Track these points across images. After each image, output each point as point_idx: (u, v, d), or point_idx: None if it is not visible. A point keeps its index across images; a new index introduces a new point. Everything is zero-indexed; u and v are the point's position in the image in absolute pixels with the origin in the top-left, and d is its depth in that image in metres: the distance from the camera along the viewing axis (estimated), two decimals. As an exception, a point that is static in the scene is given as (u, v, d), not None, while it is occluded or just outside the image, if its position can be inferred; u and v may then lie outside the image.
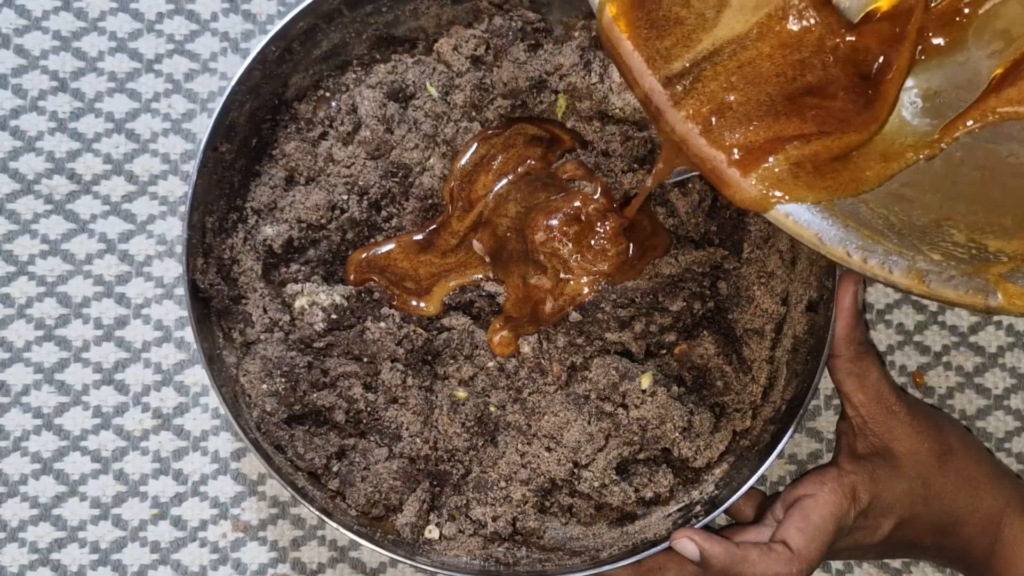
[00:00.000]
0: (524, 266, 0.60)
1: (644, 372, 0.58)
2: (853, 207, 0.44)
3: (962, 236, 0.44)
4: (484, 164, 0.60)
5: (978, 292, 0.41)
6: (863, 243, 0.43)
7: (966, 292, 0.41)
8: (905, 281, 0.42)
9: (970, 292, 0.41)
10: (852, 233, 0.43)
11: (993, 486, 0.59)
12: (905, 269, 0.42)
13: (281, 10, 0.67)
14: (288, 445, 0.57)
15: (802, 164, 0.43)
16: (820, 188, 0.43)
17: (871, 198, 0.44)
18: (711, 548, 0.53)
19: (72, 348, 0.64)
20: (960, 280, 0.42)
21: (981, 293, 0.41)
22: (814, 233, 0.43)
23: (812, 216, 0.43)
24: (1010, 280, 0.41)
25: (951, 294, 0.42)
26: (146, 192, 0.65)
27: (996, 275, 0.42)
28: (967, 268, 0.42)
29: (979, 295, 0.41)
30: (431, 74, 0.60)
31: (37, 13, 0.66)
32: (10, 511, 0.63)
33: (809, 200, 0.43)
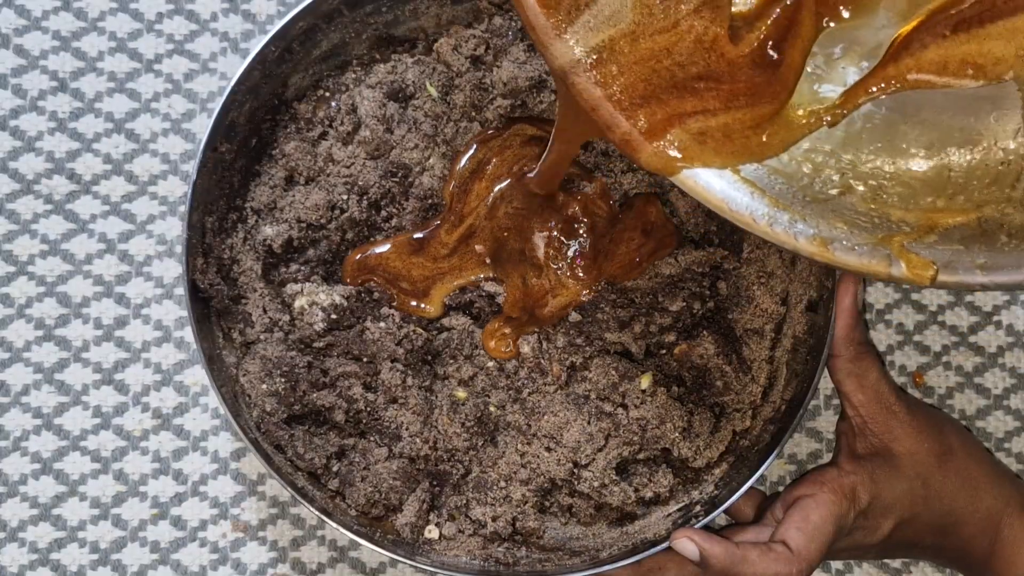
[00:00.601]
0: (523, 266, 0.60)
1: (644, 372, 0.58)
2: (758, 173, 0.44)
3: (865, 205, 0.44)
4: (479, 170, 0.60)
5: (881, 260, 0.42)
6: (769, 210, 0.43)
7: (869, 260, 0.42)
8: (810, 248, 0.42)
9: (873, 261, 0.42)
10: (758, 200, 0.43)
11: (993, 486, 0.59)
12: (810, 236, 0.42)
13: (281, 10, 0.67)
14: (288, 445, 0.57)
15: (710, 132, 0.44)
16: (727, 153, 0.44)
17: (776, 164, 0.44)
18: (711, 548, 0.53)
19: (72, 348, 0.64)
20: (864, 248, 0.42)
21: (884, 261, 0.41)
22: (720, 198, 0.43)
23: (719, 181, 0.43)
24: (912, 250, 0.42)
25: (854, 262, 0.42)
26: (146, 192, 0.65)
27: (899, 244, 0.42)
28: (871, 237, 0.42)
29: (882, 263, 0.41)
30: (431, 74, 0.60)
31: (37, 13, 0.66)
32: (10, 511, 0.63)
33: (716, 165, 0.43)
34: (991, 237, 0.42)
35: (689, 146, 0.43)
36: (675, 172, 0.43)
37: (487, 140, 0.60)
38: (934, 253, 0.42)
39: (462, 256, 0.60)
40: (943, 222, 0.43)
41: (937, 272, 0.41)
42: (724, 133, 0.44)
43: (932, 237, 0.42)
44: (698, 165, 0.43)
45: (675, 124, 0.43)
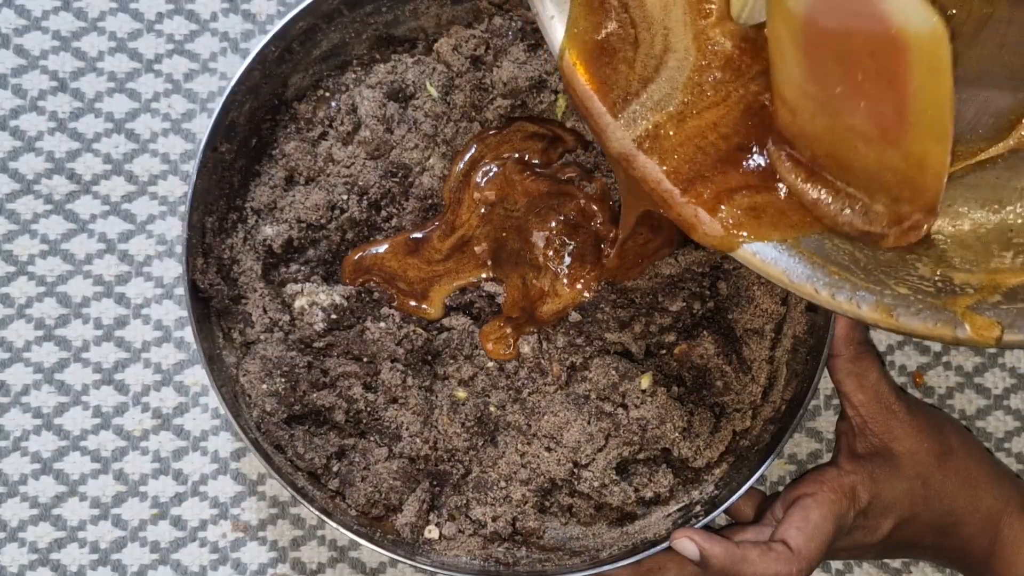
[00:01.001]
0: (523, 267, 0.60)
1: (644, 372, 0.58)
2: (818, 243, 0.44)
3: (927, 269, 0.44)
4: (473, 172, 0.60)
5: (946, 324, 0.42)
6: (830, 279, 0.43)
7: (934, 324, 0.42)
8: (874, 315, 0.42)
9: (938, 324, 0.42)
10: (819, 270, 0.43)
11: (993, 486, 0.59)
12: (873, 304, 0.42)
13: (281, 10, 0.67)
14: (288, 445, 0.57)
15: (764, 206, 0.44)
16: (785, 226, 0.44)
17: (836, 235, 0.44)
18: (711, 548, 0.53)
19: (72, 348, 0.64)
20: (928, 313, 0.42)
21: (949, 325, 0.41)
22: (782, 271, 0.43)
23: (778, 254, 0.43)
24: (977, 312, 0.42)
25: (919, 327, 0.42)
26: (146, 192, 0.65)
27: (963, 307, 0.42)
28: (934, 301, 0.42)
29: (947, 327, 0.42)
30: (431, 74, 0.60)
31: (37, 13, 0.66)
32: (10, 511, 0.63)
33: (774, 238, 0.44)
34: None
35: (747, 221, 0.43)
36: (735, 248, 0.43)
37: (486, 139, 0.60)
38: (998, 313, 0.42)
39: (458, 260, 0.60)
40: (1006, 282, 0.43)
41: (1003, 331, 0.41)
42: (778, 209, 0.44)
43: (996, 297, 0.42)
44: (756, 240, 0.43)
45: (727, 199, 0.43)
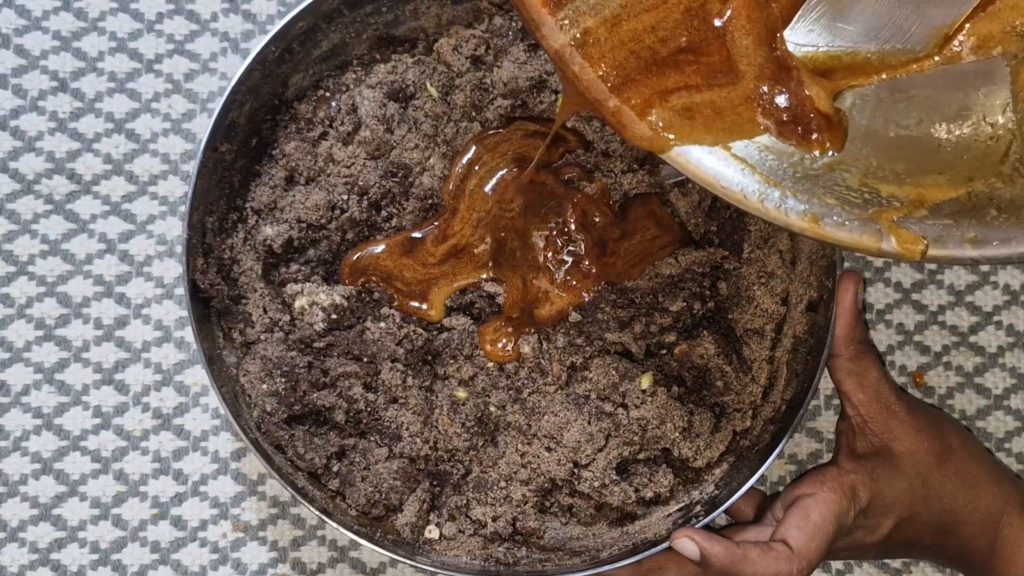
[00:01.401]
0: (523, 267, 0.60)
1: (644, 372, 0.58)
2: (749, 150, 0.44)
3: (855, 180, 0.45)
4: (469, 175, 0.60)
5: (872, 236, 0.42)
6: (760, 186, 0.43)
7: (860, 236, 0.42)
8: (801, 224, 0.43)
9: (864, 236, 0.42)
10: (749, 176, 0.43)
11: (993, 485, 0.59)
12: (801, 212, 0.43)
13: (281, 10, 0.67)
14: (288, 445, 0.57)
15: (698, 108, 0.44)
16: (717, 130, 0.44)
17: (767, 140, 0.45)
18: (711, 547, 0.53)
19: (72, 348, 0.64)
20: (855, 224, 0.42)
21: (875, 236, 0.42)
22: (711, 175, 0.43)
23: (709, 158, 0.44)
24: (903, 225, 0.42)
25: (845, 237, 0.42)
26: (146, 192, 0.65)
27: (889, 220, 0.42)
28: (861, 212, 0.43)
29: (873, 238, 0.42)
30: (431, 74, 0.60)
31: (37, 13, 0.66)
32: (10, 511, 0.63)
33: (706, 142, 0.44)
34: (981, 211, 0.42)
35: (678, 124, 0.43)
36: (665, 149, 0.43)
37: (486, 140, 0.60)
38: (924, 228, 0.42)
39: (455, 263, 0.60)
40: (933, 197, 0.43)
41: (927, 246, 0.41)
42: (714, 110, 0.44)
43: (922, 212, 0.43)
44: (688, 142, 0.43)
45: (660, 101, 0.44)
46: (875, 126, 0.46)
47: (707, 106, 0.44)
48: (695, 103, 0.44)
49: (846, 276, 0.56)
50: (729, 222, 0.61)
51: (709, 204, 0.61)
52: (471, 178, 0.60)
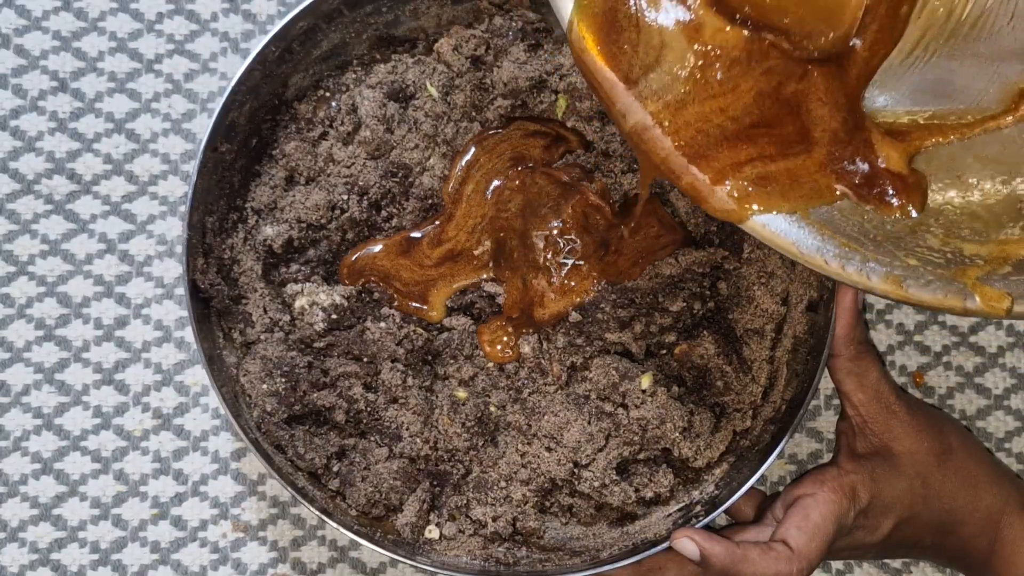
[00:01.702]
0: (524, 267, 0.60)
1: (644, 372, 0.58)
2: (828, 215, 0.44)
3: (937, 241, 0.44)
4: (468, 178, 0.60)
5: (956, 295, 0.42)
6: (840, 251, 0.43)
7: (944, 295, 0.42)
8: (884, 286, 0.42)
9: (949, 295, 0.42)
10: (828, 241, 0.43)
11: (993, 485, 0.59)
12: (883, 275, 0.43)
13: (281, 10, 0.67)
14: (288, 445, 0.57)
15: (774, 177, 0.44)
16: (795, 198, 0.44)
17: (846, 206, 0.44)
18: (711, 547, 0.53)
19: (72, 348, 0.64)
20: (938, 284, 0.42)
21: (959, 296, 0.42)
22: (791, 242, 0.43)
23: (788, 226, 0.43)
24: (986, 283, 0.42)
25: (929, 298, 0.42)
26: (146, 192, 0.65)
27: (973, 278, 0.42)
28: (944, 272, 0.43)
29: (957, 298, 0.42)
30: (431, 74, 0.60)
31: (37, 13, 0.66)
32: (10, 511, 0.63)
33: (784, 210, 0.44)
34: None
35: (755, 193, 0.43)
36: (744, 219, 0.43)
37: (486, 140, 0.60)
38: (1008, 284, 0.42)
39: (451, 266, 0.60)
40: (1016, 253, 0.43)
41: (1013, 303, 0.41)
42: (790, 178, 0.44)
43: (1006, 268, 0.43)
44: (766, 211, 0.43)
45: (734, 172, 0.44)
46: (954, 186, 0.45)
47: (783, 175, 0.44)
48: (770, 172, 0.44)
49: (846, 276, 0.56)
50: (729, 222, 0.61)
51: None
52: (469, 182, 0.60)
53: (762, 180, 0.44)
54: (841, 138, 0.45)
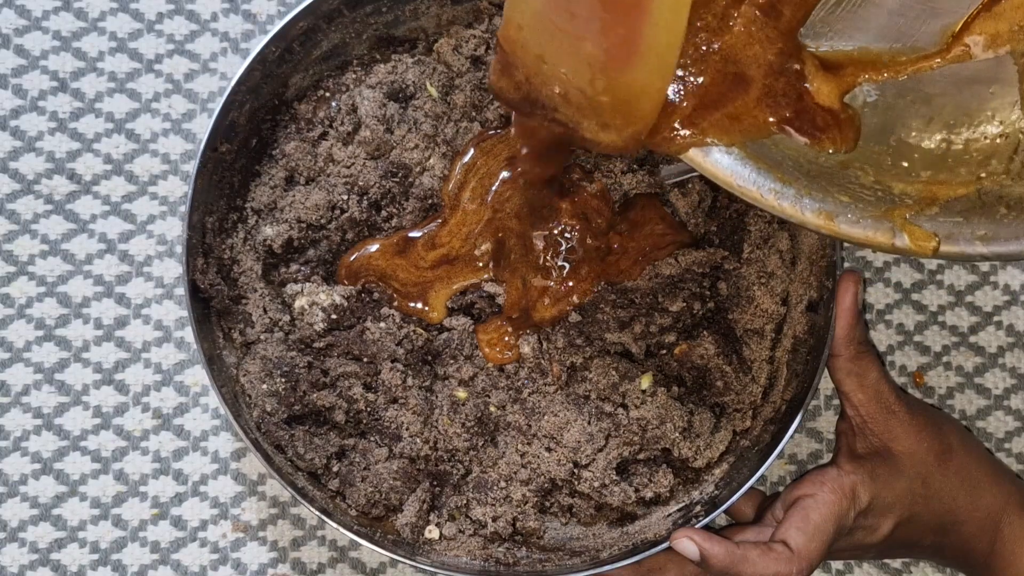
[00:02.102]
0: (523, 268, 0.60)
1: (644, 372, 0.58)
2: (763, 148, 0.45)
3: (868, 178, 0.45)
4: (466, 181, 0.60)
5: (886, 232, 0.43)
6: (776, 185, 0.44)
7: (874, 233, 0.43)
8: (816, 220, 0.43)
9: (878, 233, 0.43)
10: (764, 175, 0.44)
11: (993, 485, 0.59)
12: (816, 210, 0.44)
13: (281, 10, 0.67)
14: (288, 445, 0.57)
15: (720, 119, 0.45)
16: (735, 131, 0.45)
17: (782, 140, 0.45)
18: (711, 548, 0.53)
19: (72, 348, 0.64)
20: (868, 221, 0.43)
21: (888, 233, 0.43)
22: (728, 174, 0.44)
23: (726, 158, 0.44)
24: (915, 222, 0.43)
25: (859, 233, 0.43)
26: (146, 192, 0.65)
27: (902, 217, 0.43)
28: (874, 210, 0.44)
29: (886, 235, 0.43)
30: (431, 74, 0.60)
31: (37, 13, 0.66)
32: (10, 511, 0.63)
33: (724, 142, 0.45)
34: (990, 209, 0.43)
35: (695, 127, 0.44)
36: (684, 150, 0.44)
37: (484, 142, 0.60)
38: (936, 225, 0.43)
39: (448, 269, 0.60)
40: (944, 195, 0.44)
41: (940, 243, 0.42)
42: (730, 116, 0.45)
43: (933, 209, 0.44)
44: (705, 142, 0.44)
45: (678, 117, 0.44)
46: (887, 125, 0.46)
47: (727, 116, 0.45)
48: (712, 117, 0.45)
49: (846, 276, 0.56)
50: (729, 222, 0.61)
51: (709, 204, 0.61)
52: (466, 187, 0.60)
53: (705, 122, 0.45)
54: (775, 70, 0.46)
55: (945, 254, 0.42)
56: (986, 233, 0.42)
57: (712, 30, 0.45)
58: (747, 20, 0.45)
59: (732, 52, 0.45)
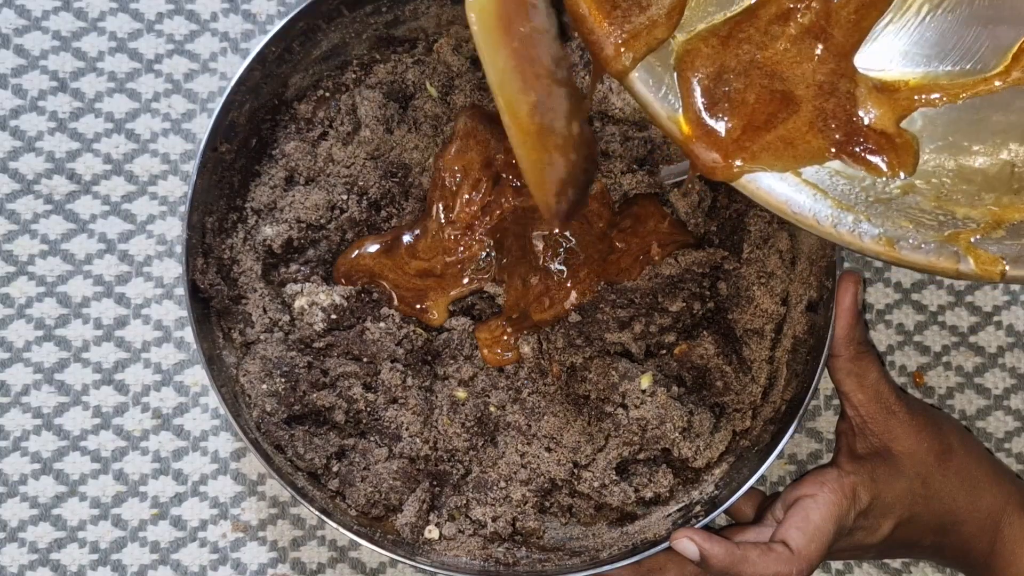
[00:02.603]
0: (523, 268, 0.60)
1: (644, 372, 0.58)
2: (820, 175, 0.44)
3: (929, 203, 0.44)
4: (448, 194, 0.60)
5: (949, 257, 0.42)
6: (832, 211, 0.43)
7: (937, 258, 0.42)
8: (876, 247, 0.42)
9: (941, 258, 0.42)
10: (821, 201, 0.43)
11: (993, 485, 0.59)
12: (875, 236, 0.42)
13: (281, 10, 0.67)
14: (288, 445, 0.57)
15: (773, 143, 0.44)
16: (788, 157, 0.44)
17: (838, 166, 0.44)
18: (711, 548, 0.53)
19: (72, 348, 0.64)
20: (931, 246, 0.42)
21: (952, 258, 0.42)
22: (782, 201, 0.43)
23: (780, 184, 0.43)
24: (980, 246, 0.42)
25: (922, 260, 0.42)
26: (146, 192, 0.65)
27: (966, 241, 0.42)
28: (937, 235, 0.42)
29: (950, 260, 0.42)
30: (431, 74, 0.60)
31: (37, 13, 0.66)
32: (10, 511, 0.63)
33: (776, 168, 0.43)
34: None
35: (750, 147, 0.43)
36: (735, 177, 0.43)
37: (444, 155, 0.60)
38: (1002, 248, 0.42)
39: (437, 280, 0.60)
40: (1010, 217, 0.43)
41: (1007, 267, 0.41)
42: (783, 140, 0.44)
43: (999, 232, 0.42)
44: (759, 169, 0.43)
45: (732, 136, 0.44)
46: (947, 149, 0.45)
47: (779, 140, 0.44)
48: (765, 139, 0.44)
49: (846, 276, 0.56)
50: (729, 222, 0.61)
51: (709, 204, 0.61)
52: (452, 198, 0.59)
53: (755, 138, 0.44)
54: (825, 91, 0.45)
55: (1013, 278, 0.41)
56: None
57: (755, 43, 0.44)
58: (793, 37, 0.44)
59: (778, 69, 0.44)
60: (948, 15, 0.45)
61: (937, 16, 0.45)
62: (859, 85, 0.45)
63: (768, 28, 0.44)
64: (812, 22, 0.44)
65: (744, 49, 0.44)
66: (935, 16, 0.45)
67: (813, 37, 0.45)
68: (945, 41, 0.45)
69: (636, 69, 0.43)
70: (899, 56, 0.46)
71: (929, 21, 0.45)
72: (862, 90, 0.45)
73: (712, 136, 0.44)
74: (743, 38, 0.44)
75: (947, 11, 0.45)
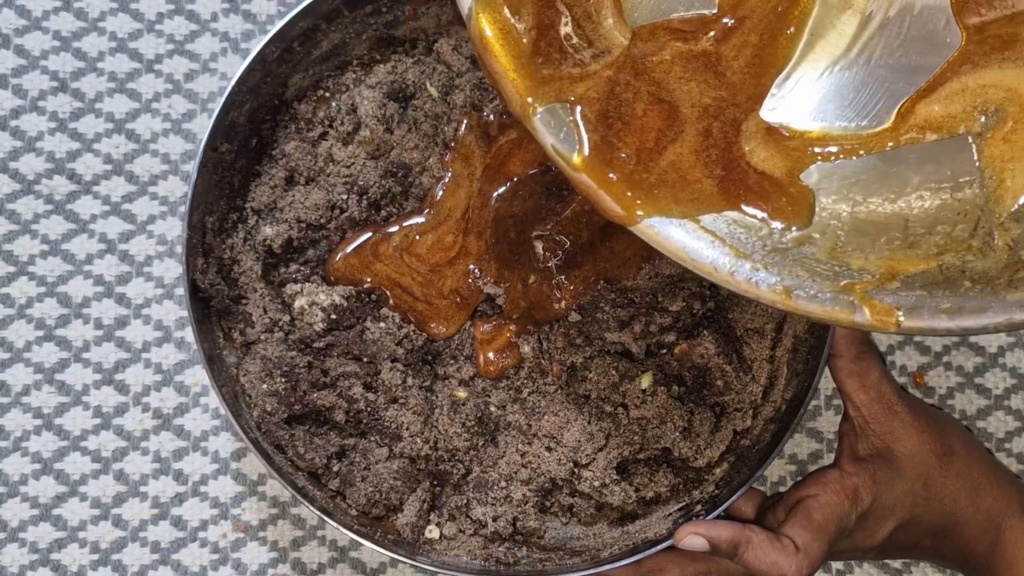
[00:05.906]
0: (523, 268, 0.60)
1: (644, 372, 0.58)
2: (718, 224, 0.44)
3: (824, 254, 0.44)
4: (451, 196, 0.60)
5: (845, 308, 0.42)
6: (730, 260, 0.43)
7: (832, 308, 0.42)
8: (772, 297, 0.42)
9: (837, 308, 0.42)
10: (719, 249, 0.43)
11: (994, 487, 0.59)
12: (771, 285, 0.42)
13: (281, 10, 0.67)
14: (288, 445, 0.57)
15: (666, 179, 0.44)
16: (686, 202, 0.44)
17: (736, 215, 0.44)
18: (718, 532, 0.53)
19: (72, 348, 0.64)
20: (827, 296, 0.42)
21: (848, 309, 0.42)
22: (679, 247, 0.43)
23: (678, 231, 0.43)
24: (875, 297, 0.42)
25: (817, 309, 0.42)
26: (146, 192, 0.65)
27: (861, 291, 0.42)
28: (833, 285, 0.42)
29: (846, 311, 0.42)
30: (431, 74, 0.60)
31: (37, 13, 0.66)
32: (10, 511, 0.63)
33: (674, 214, 0.43)
34: (954, 283, 0.42)
35: (646, 196, 0.43)
36: (635, 222, 0.43)
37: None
38: (897, 299, 0.42)
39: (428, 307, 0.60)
40: (904, 269, 0.43)
41: (902, 318, 0.41)
42: (678, 176, 0.44)
43: (895, 284, 0.42)
44: (656, 214, 0.43)
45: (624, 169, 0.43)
46: (842, 201, 0.45)
47: (671, 172, 0.44)
48: (658, 170, 0.44)
49: (846, 276, 0.56)
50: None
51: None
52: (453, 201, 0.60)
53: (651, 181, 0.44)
54: (710, 114, 0.44)
55: (908, 329, 0.41)
56: (951, 307, 0.41)
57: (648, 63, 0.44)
58: (679, 55, 0.44)
59: (665, 79, 0.44)
60: (846, 72, 0.45)
61: (835, 72, 0.45)
62: (748, 119, 0.45)
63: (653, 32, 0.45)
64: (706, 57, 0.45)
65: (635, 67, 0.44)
66: (833, 72, 0.45)
67: (705, 67, 0.45)
68: (842, 98, 0.45)
69: (538, 112, 0.43)
70: (800, 111, 0.46)
71: (828, 77, 0.45)
72: (750, 124, 0.45)
73: (611, 168, 0.43)
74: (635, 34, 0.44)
75: (845, 68, 0.45)
